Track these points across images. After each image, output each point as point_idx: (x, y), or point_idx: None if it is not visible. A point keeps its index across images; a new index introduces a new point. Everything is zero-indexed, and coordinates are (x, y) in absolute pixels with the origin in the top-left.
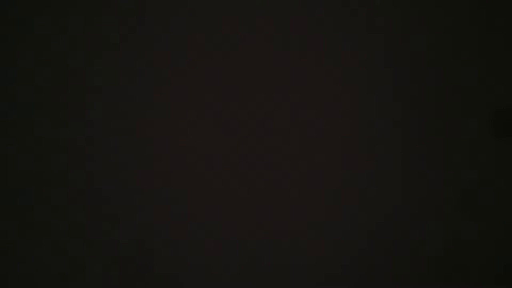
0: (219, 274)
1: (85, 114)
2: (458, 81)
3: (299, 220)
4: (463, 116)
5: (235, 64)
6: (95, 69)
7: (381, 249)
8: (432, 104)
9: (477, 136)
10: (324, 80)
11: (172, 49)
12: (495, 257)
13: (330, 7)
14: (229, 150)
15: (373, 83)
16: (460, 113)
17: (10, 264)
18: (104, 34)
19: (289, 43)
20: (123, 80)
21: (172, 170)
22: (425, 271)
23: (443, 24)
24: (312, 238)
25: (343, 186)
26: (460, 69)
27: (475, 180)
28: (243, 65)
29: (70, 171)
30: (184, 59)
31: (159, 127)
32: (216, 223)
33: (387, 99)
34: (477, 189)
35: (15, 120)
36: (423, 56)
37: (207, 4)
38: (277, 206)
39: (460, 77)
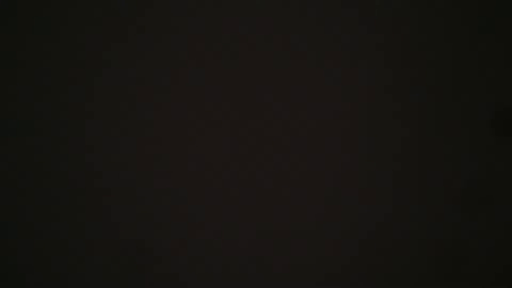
0: (219, 274)
1: (85, 114)
2: (458, 81)
3: (299, 220)
4: (463, 116)
5: (235, 64)
6: (95, 69)
7: (381, 249)
8: (432, 104)
9: (477, 136)
10: (324, 80)
11: (172, 49)
12: (495, 257)
13: (330, 7)
14: (229, 150)
15: (373, 83)
16: (460, 113)
17: (10, 264)
18: (104, 34)
19: (289, 43)
20: (123, 80)
21: (172, 170)
22: (425, 271)
23: (443, 24)
24: (312, 238)
25: (343, 186)
26: (460, 69)
27: (475, 180)
28: (243, 65)
29: (70, 171)
30: (185, 59)
31: (159, 127)
32: (216, 223)
33: (387, 99)
34: (477, 189)
35: (15, 120)
36: (423, 56)
37: (207, 4)
38: (277, 206)
39: (460, 77)
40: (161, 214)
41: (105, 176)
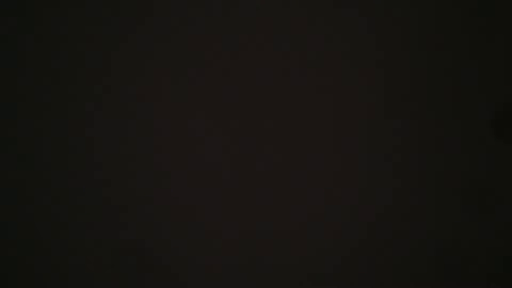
0: (219, 274)
1: (85, 114)
2: (458, 81)
3: (299, 220)
4: (463, 116)
5: (235, 64)
6: (96, 69)
7: (381, 249)
8: (432, 104)
9: (477, 136)
10: (324, 81)
11: (172, 49)
12: (495, 257)
13: (330, 7)
14: (229, 150)
15: (373, 83)
16: (460, 113)
17: (10, 264)
18: (104, 34)
19: (289, 43)
20: (124, 80)
21: (172, 170)
22: (425, 271)
23: (443, 24)
24: (312, 238)
25: (343, 186)
26: (460, 68)
27: (475, 180)
28: (243, 65)
29: (70, 171)
30: (185, 59)
31: (159, 127)
32: (216, 223)
33: (387, 99)
34: (477, 189)
35: (15, 120)
36: (423, 56)
37: (208, 4)
38: (277, 206)
39: (460, 77)
40: (161, 214)
41: (105, 176)
